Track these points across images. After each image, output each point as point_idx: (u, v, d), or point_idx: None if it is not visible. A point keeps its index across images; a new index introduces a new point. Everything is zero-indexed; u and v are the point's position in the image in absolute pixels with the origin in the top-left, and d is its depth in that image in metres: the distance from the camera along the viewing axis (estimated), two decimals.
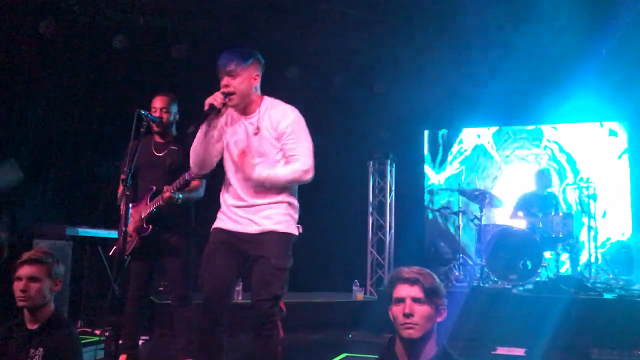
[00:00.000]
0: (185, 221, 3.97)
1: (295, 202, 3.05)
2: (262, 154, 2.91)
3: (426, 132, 8.84)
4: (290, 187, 3.01)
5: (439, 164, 8.75)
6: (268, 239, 2.90)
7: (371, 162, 7.82)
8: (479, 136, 8.60)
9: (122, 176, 3.82)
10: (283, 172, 2.90)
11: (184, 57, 7.13)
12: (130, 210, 3.65)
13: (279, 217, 2.94)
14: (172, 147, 3.94)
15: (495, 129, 8.50)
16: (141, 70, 7.06)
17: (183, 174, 3.69)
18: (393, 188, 7.83)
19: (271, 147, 2.92)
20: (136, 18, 6.76)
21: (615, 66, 7.08)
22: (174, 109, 4.01)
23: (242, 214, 2.96)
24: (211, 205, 3.25)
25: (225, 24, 7.03)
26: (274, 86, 3.18)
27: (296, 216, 3.04)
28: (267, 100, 3.00)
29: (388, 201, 7.71)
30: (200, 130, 2.92)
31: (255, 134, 2.92)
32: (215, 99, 2.82)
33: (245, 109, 2.96)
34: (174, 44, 7.11)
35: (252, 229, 2.92)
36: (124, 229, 3.37)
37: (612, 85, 7.34)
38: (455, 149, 8.70)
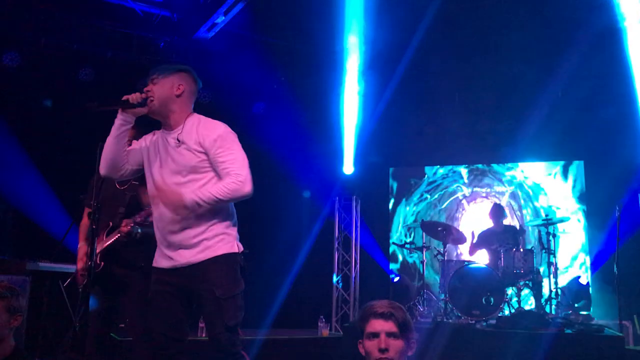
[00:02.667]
0: (142, 258, 3.89)
1: (229, 215, 2.87)
2: (183, 166, 2.77)
3: (391, 170, 8.97)
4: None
5: (404, 201, 8.87)
6: (207, 269, 2.75)
7: (337, 198, 7.87)
8: (441, 174, 8.77)
9: (87, 209, 3.76)
10: (217, 188, 2.70)
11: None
12: (82, 245, 3.60)
13: (213, 239, 2.78)
14: (134, 182, 3.87)
15: (458, 166, 8.69)
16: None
17: (145, 209, 3.64)
18: (358, 224, 7.89)
19: (195, 160, 2.77)
20: (103, 51, 6.76)
21: (571, 106, 7.37)
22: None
23: (171, 246, 2.80)
24: None
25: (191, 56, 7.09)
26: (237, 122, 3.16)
27: (233, 232, 2.88)
28: (195, 117, 2.90)
29: (354, 237, 7.75)
30: (113, 127, 2.82)
31: (177, 146, 2.80)
32: (133, 96, 2.78)
33: (168, 123, 2.87)
34: (139, 78, 7.10)
35: (185, 260, 2.77)
36: (89, 262, 3.31)
37: (568, 124, 7.61)
38: (418, 186, 8.84)
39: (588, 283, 7.48)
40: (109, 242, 3.71)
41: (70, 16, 6.54)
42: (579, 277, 7.53)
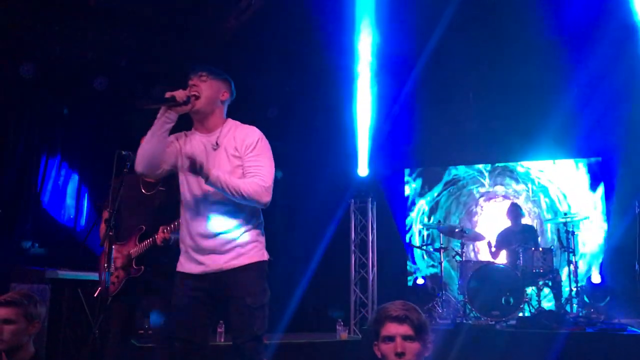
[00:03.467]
0: (172, 261, 3.93)
1: (260, 223, 2.88)
2: (218, 169, 2.75)
3: (406, 171, 8.94)
4: (250, 209, 2.81)
5: (420, 201, 8.83)
6: (239, 276, 2.74)
7: (352, 200, 7.86)
8: (457, 174, 8.72)
9: (106, 215, 3.80)
10: (243, 182, 2.69)
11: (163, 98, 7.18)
12: (113, 251, 3.61)
13: (246, 246, 2.78)
14: (161, 188, 3.91)
15: (474, 166, 8.64)
16: (122, 111, 7.08)
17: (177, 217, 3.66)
18: (375, 226, 7.86)
19: (229, 165, 2.78)
20: (118, 59, 6.83)
21: (589, 104, 7.30)
22: None
23: (203, 251, 2.78)
24: None
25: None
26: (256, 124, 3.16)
27: (264, 240, 2.88)
28: (231, 122, 2.91)
29: (370, 239, 7.73)
30: (156, 125, 2.76)
31: (215, 149, 2.82)
32: (179, 93, 2.73)
33: (206, 126, 2.87)
34: (154, 85, 7.16)
35: (217, 267, 2.75)
36: (107, 269, 3.33)
37: (586, 122, 7.53)
38: (434, 187, 8.80)
39: (606, 281, 7.38)
40: (145, 247, 3.73)
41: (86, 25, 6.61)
42: (596, 275, 7.44)
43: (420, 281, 7.97)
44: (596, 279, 7.30)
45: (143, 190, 3.94)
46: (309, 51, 7.41)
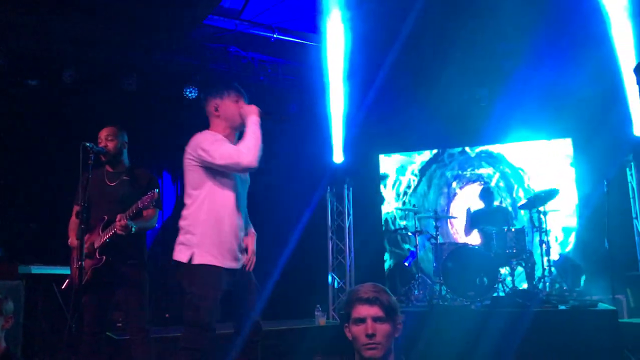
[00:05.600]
0: (139, 252, 3.93)
1: None
2: None
3: (381, 156, 8.99)
4: None
5: (394, 186, 8.90)
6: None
7: (328, 187, 7.89)
8: (431, 158, 8.80)
9: (76, 208, 3.78)
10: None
11: (134, 90, 7.10)
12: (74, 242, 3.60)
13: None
14: (124, 177, 3.94)
15: (447, 150, 8.72)
16: (92, 104, 6.99)
17: (136, 203, 3.67)
18: (351, 212, 7.91)
19: None
20: (86, 51, 6.73)
21: (558, 86, 7.40)
22: (121, 138, 4.01)
23: (240, 249, 3.14)
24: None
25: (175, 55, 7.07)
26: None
27: None
28: None
29: (347, 225, 7.78)
30: (258, 126, 3.13)
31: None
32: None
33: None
34: (124, 77, 7.08)
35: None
36: (79, 262, 3.31)
37: (557, 103, 7.64)
38: (409, 171, 8.87)
39: (579, 259, 7.53)
40: (107, 237, 3.73)
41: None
42: (567, 253, 7.59)
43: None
44: (568, 256, 7.45)
45: (107, 182, 3.94)
46: (282, 39, 7.40)
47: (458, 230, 8.14)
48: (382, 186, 8.92)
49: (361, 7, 6.90)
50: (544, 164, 8.25)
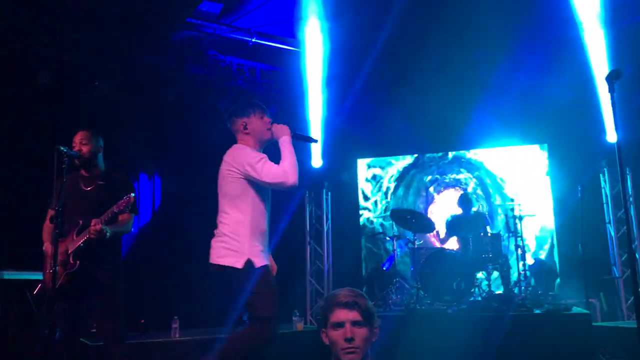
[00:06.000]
0: (114, 256, 3.89)
1: None
2: None
3: (359, 161, 9.02)
4: None
5: (373, 191, 8.93)
6: None
7: (307, 192, 7.88)
8: (410, 163, 8.86)
9: (51, 213, 3.72)
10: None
11: (109, 94, 7.02)
12: (49, 246, 3.55)
13: None
14: (99, 182, 3.90)
15: (425, 155, 8.79)
16: (67, 107, 6.90)
17: (111, 207, 3.63)
18: (330, 216, 7.92)
19: None
20: (61, 53, 6.64)
21: (534, 92, 7.51)
22: (96, 142, 3.96)
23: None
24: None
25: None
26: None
27: None
28: None
29: (325, 230, 7.78)
30: (291, 145, 3.40)
31: None
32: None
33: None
34: (98, 81, 6.99)
35: None
36: (53, 267, 3.26)
37: (533, 110, 7.75)
38: (387, 176, 8.91)
39: (554, 263, 7.64)
40: (81, 242, 3.68)
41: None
42: (542, 257, 7.70)
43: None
44: (543, 260, 7.55)
45: (82, 186, 3.90)
46: (260, 43, 7.40)
47: (435, 235, 8.19)
48: (360, 191, 8.94)
49: (339, 14, 6.93)
50: (520, 170, 8.35)
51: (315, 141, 3.76)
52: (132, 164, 7.25)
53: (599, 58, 6.70)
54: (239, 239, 3.28)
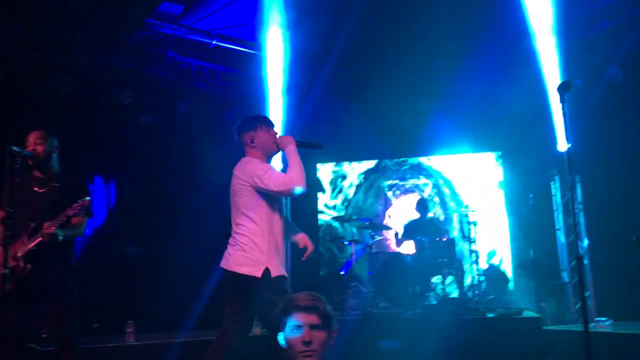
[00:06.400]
0: (67, 260, 3.79)
1: None
2: None
3: (318, 166, 9.06)
4: None
5: (331, 196, 8.98)
6: None
7: None
8: (368, 169, 8.94)
9: (1, 214, 3.62)
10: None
11: (68, 92, 6.86)
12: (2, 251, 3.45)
13: None
14: (54, 184, 3.80)
15: (383, 160, 8.89)
16: (21, 106, 6.70)
17: (65, 210, 3.55)
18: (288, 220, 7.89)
19: None
20: (15, 50, 6.45)
21: (490, 102, 7.68)
22: (50, 142, 3.86)
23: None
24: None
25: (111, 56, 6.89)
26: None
27: None
28: None
29: None
30: (297, 154, 3.57)
31: None
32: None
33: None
34: (56, 79, 6.82)
35: None
36: (2, 270, 3.17)
37: (488, 118, 7.93)
38: (347, 181, 8.98)
39: (507, 268, 7.83)
40: (33, 245, 3.58)
41: None
42: (495, 263, 7.89)
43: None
44: (496, 265, 7.73)
45: (35, 188, 3.79)
46: (221, 45, 7.36)
47: (391, 241, 8.29)
48: (320, 194, 8.98)
49: (299, 22, 6.95)
50: (474, 177, 8.54)
51: (320, 146, 3.85)
52: (87, 166, 7.09)
53: (551, 68, 6.90)
54: (257, 248, 3.44)
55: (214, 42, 7.26)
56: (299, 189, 3.48)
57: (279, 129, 7.80)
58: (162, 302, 6.35)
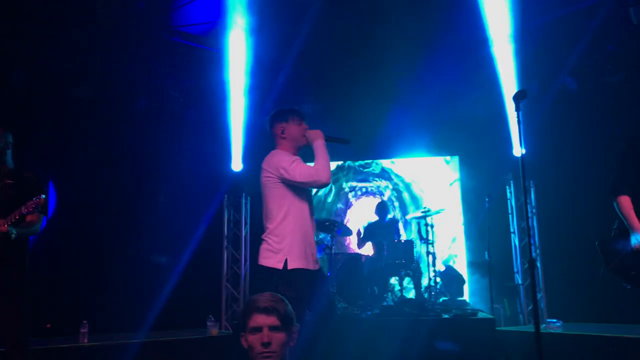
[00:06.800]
0: (19, 259, 3.70)
1: None
2: None
3: None
4: None
5: None
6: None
7: (226, 196, 7.81)
8: (332, 170, 8.98)
9: None
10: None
11: (22, 87, 6.68)
12: None
13: None
14: (8, 181, 3.70)
15: (344, 163, 8.96)
16: None
17: (19, 208, 3.47)
18: (248, 221, 7.88)
19: None
20: None
21: (449, 107, 7.83)
22: (5, 138, 3.77)
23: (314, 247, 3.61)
24: None
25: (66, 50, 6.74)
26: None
27: None
28: None
29: (243, 234, 7.74)
30: (325, 148, 3.62)
31: None
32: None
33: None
34: (11, 73, 6.64)
35: None
36: None
37: (446, 122, 8.08)
38: None
39: (463, 270, 7.98)
40: None
41: None
42: (451, 265, 8.04)
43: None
44: (452, 267, 7.88)
45: None
46: (183, 45, 7.28)
47: (351, 241, 8.37)
48: None
49: (262, 25, 6.95)
50: (433, 179, 8.69)
51: (349, 141, 3.86)
52: (42, 161, 6.92)
53: (508, 75, 7.08)
54: (280, 239, 3.49)
55: (174, 40, 7.19)
56: (325, 181, 3.55)
57: (239, 127, 7.81)
58: (118, 301, 6.26)
